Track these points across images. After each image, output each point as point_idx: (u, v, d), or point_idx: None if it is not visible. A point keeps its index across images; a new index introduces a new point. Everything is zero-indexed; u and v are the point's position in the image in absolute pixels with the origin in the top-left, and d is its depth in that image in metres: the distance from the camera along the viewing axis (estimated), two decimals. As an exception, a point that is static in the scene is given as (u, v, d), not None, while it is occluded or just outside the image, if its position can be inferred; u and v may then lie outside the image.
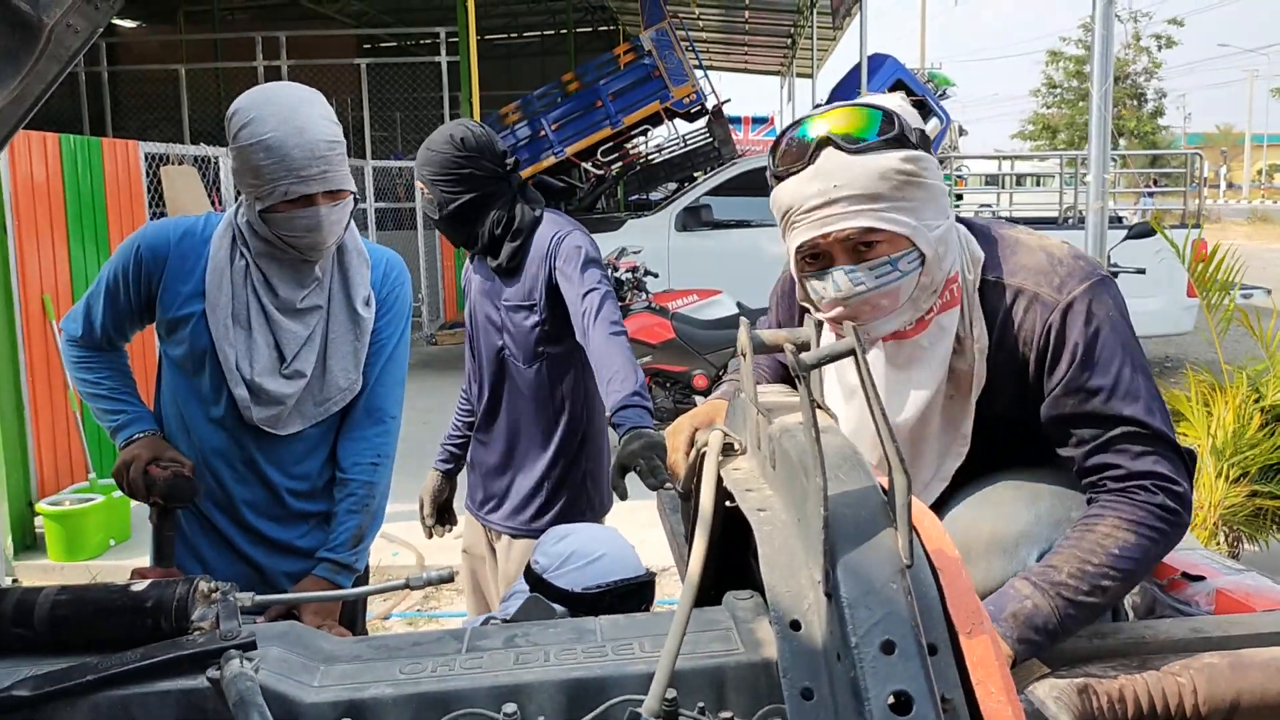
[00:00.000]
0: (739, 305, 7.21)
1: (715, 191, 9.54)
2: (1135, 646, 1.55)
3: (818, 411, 1.09)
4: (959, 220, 1.68)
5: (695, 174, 14.17)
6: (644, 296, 7.07)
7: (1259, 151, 70.20)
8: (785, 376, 1.97)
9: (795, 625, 0.90)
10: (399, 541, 5.28)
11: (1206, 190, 13.58)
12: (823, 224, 1.51)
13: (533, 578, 2.10)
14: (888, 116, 1.52)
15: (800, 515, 0.97)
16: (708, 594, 1.63)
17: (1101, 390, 1.56)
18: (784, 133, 1.60)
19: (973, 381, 1.62)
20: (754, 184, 9.82)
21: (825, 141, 1.51)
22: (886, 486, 0.92)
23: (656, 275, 7.52)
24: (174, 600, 1.20)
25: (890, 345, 1.64)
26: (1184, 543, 2.20)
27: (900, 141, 1.51)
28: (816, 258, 1.57)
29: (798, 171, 1.53)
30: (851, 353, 0.86)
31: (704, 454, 1.34)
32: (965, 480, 1.71)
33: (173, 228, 2.21)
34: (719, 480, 1.16)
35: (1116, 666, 1.47)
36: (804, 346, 1.09)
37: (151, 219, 6.68)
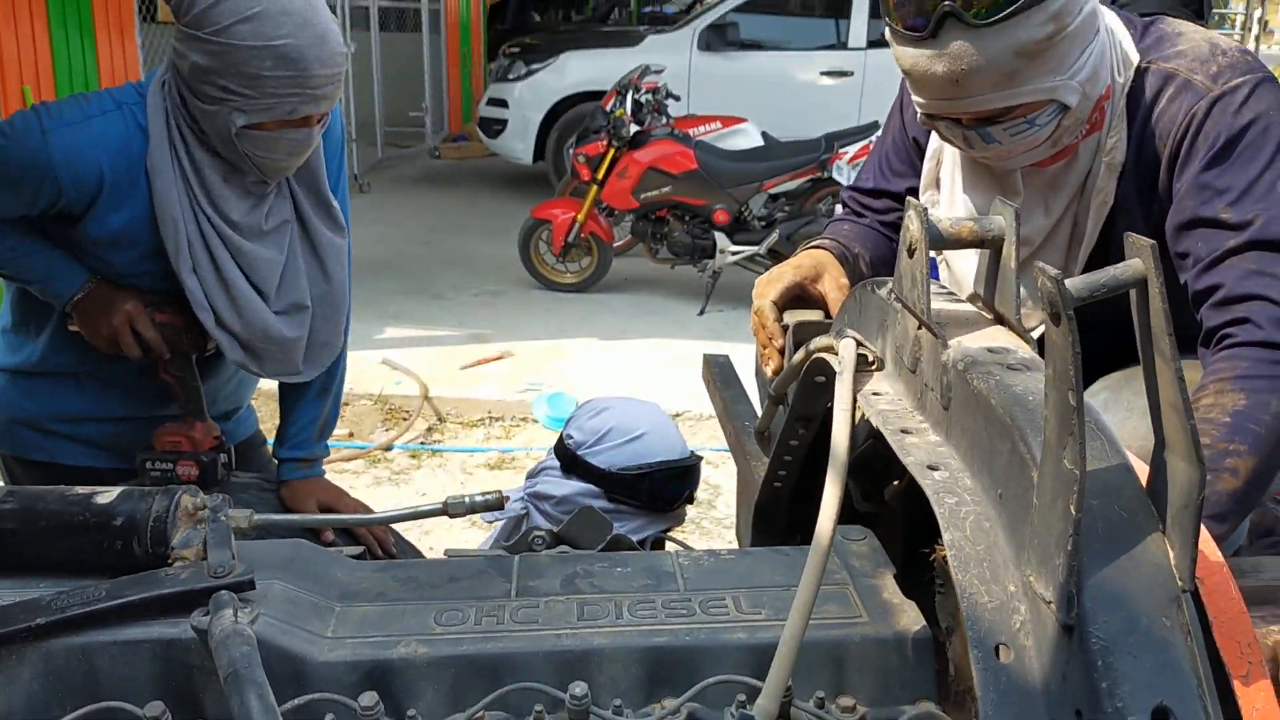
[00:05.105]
0: (764, 135, 6.79)
1: (743, 9, 8.87)
2: (1286, 593, 1.32)
3: (1017, 339, 0.81)
4: (1113, 6, 1.49)
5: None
6: (665, 121, 6.61)
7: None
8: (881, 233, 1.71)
9: (1000, 651, 0.65)
10: (402, 369, 5.06)
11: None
12: (951, 106, 1.34)
13: (566, 453, 1.88)
14: None
15: (1002, 489, 0.71)
16: (780, 520, 1.40)
17: (1229, 190, 1.33)
18: None
19: (1099, 204, 1.46)
20: (786, 1, 9.19)
21: (948, 14, 1.25)
22: (1146, 471, 0.65)
23: (678, 98, 7.04)
24: (149, 518, 0.94)
25: (1025, 170, 1.49)
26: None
27: None
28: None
29: (918, 41, 1.29)
30: (1142, 283, 0.58)
31: (815, 357, 1.08)
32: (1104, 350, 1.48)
33: (98, 141, 1.61)
34: (856, 410, 0.90)
35: (1267, 617, 1.25)
36: (995, 243, 0.81)
37: (139, 6, 6.18)
